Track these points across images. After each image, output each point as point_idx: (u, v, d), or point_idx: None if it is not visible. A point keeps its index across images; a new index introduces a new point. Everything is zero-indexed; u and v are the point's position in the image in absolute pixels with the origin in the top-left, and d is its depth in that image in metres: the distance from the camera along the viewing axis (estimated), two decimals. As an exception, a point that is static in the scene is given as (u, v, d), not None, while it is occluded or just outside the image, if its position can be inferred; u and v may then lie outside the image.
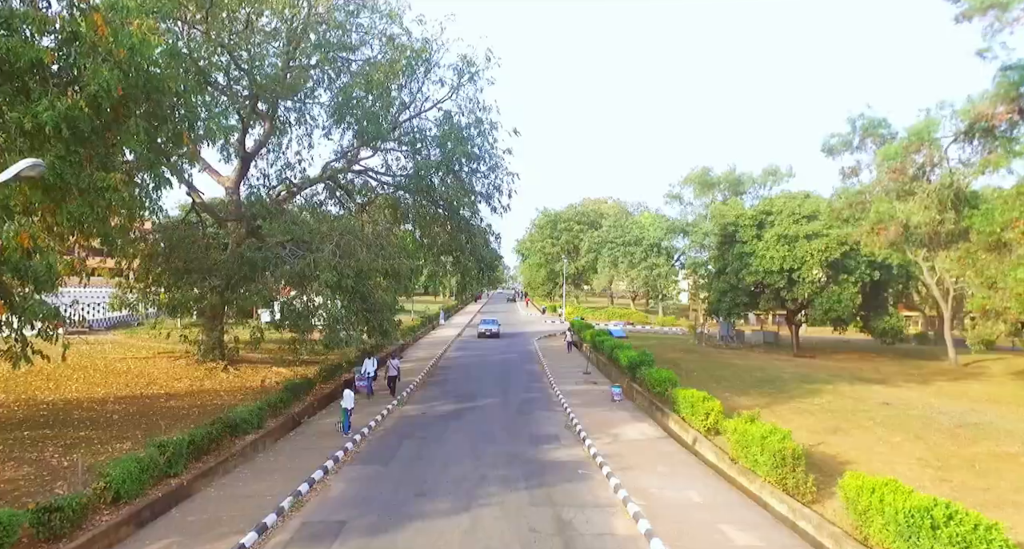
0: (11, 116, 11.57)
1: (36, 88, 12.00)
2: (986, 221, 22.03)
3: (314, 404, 22.81)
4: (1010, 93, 21.61)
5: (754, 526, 11.92)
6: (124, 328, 37.79)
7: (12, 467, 13.41)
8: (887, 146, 25.26)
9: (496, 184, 31.44)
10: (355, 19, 28.21)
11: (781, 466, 13.09)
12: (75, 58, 12.06)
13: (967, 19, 20.57)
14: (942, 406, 23.67)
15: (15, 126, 11.64)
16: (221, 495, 13.52)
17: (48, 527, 10.34)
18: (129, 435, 16.36)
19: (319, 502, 13.19)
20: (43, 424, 16.92)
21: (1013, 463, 15.92)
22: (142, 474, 12.58)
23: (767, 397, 23.69)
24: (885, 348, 45.44)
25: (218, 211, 28.30)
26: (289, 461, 16.09)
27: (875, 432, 18.77)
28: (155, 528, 11.79)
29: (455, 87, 30.85)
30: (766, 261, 39.49)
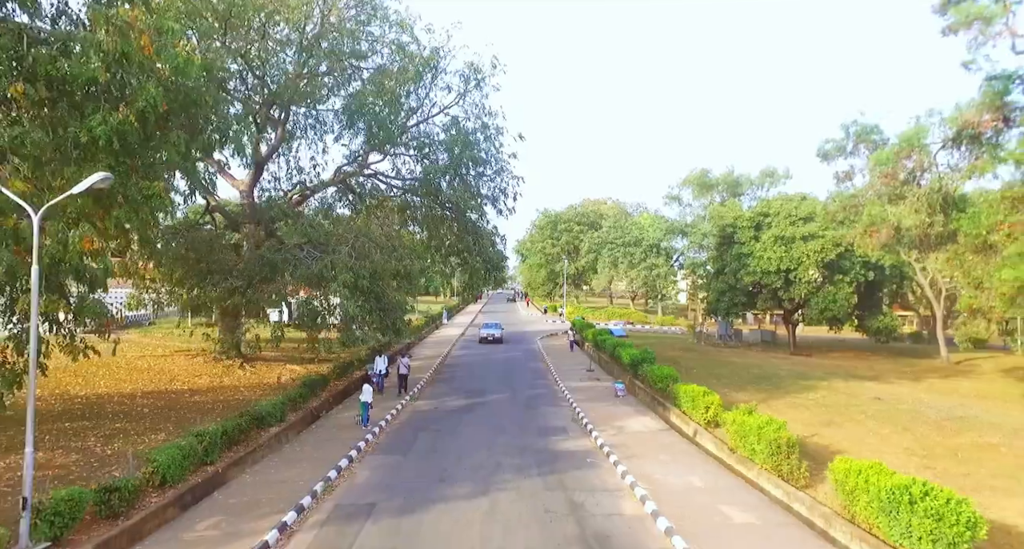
0: (68, 130, 12.55)
1: (89, 105, 12.99)
2: (972, 224, 23.09)
3: (329, 400, 23.80)
4: (995, 102, 22.65)
5: (752, 507, 12.95)
6: (136, 327, 38.78)
7: (61, 454, 14.40)
8: (879, 151, 26.28)
9: (502, 187, 32.51)
10: (366, 27, 29.20)
11: (776, 454, 14.10)
12: (124, 76, 13.03)
13: (953, 32, 21.62)
14: (931, 401, 24.74)
15: (71, 139, 12.64)
16: (256, 481, 14.53)
17: (108, 506, 11.35)
18: (161, 427, 17.35)
19: (348, 487, 14.20)
20: (80, 416, 17.91)
21: (993, 453, 16.96)
22: (184, 461, 13.57)
23: (764, 393, 24.71)
24: (880, 347, 46.56)
25: (232, 214, 29.33)
26: (314, 451, 17.10)
27: (866, 425, 19.80)
28: (199, 510, 12.77)
29: (462, 93, 31.83)
30: (763, 262, 40.57)
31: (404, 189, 32.50)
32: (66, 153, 12.79)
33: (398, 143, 31.27)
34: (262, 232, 27.17)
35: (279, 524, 11.48)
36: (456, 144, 30.51)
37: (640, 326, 63.88)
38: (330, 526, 11.82)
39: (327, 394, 24.08)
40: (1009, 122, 22.75)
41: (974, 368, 38.07)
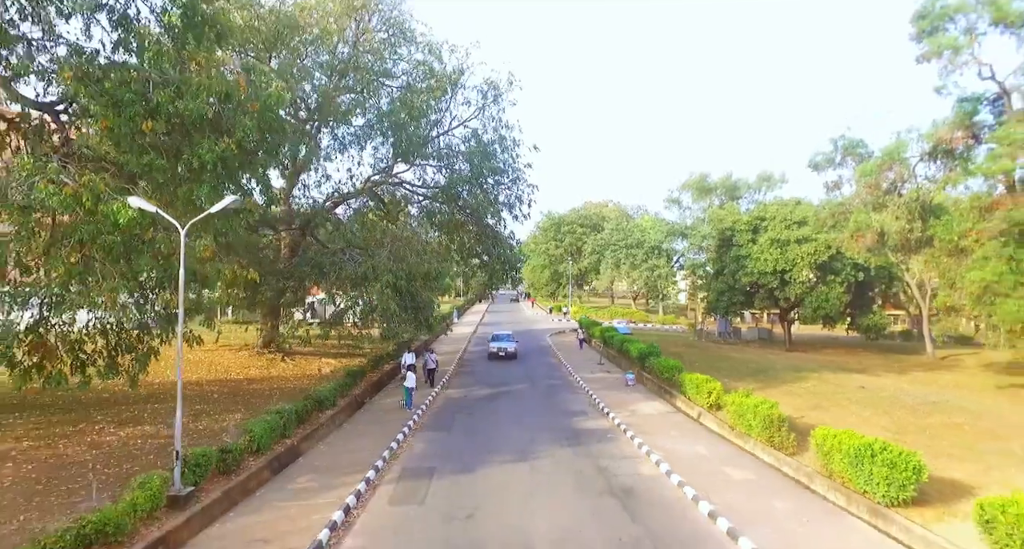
0: (183, 157, 15.17)
1: (197, 135, 15.60)
2: (946, 230, 25.77)
3: (368, 388, 26.40)
4: (965, 121, 25.43)
5: (748, 469, 15.61)
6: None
7: (164, 429, 16.97)
8: (864, 164, 29.06)
9: (518, 195, 35.11)
10: (395, 48, 31.84)
11: (769, 428, 16.76)
12: (225, 111, 15.65)
13: (926, 60, 24.36)
14: (911, 390, 27.40)
15: (184, 164, 15.27)
16: (329, 451, 17.17)
17: (224, 463, 13.97)
18: (234, 408, 19.93)
19: (408, 455, 16.85)
20: (163, 400, 20.48)
21: (957, 430, 19.60)
22: (271, 432, 16.19)
23: (760, 383, 27.32)
24: (871, 344, 49.24)
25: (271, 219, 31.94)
26: (371, 428, 19.76)
27: (849, 409, 22.42)
28: (289, 472, 15.40)
29: (480, 107, 34.39)
30: (760, 263, 43.22)
31: (427, 196, 35.12)
32: (179, 176, 15.41)
33: (422, 154, 33.89)
34: (303, 237, 29.85)
35: (364, 479, 14.13)
36: (475, 155, 33.12)
37: (642, 325, 66.53)
38: (404, 481, 14.47)
39: (365, 384, 26.68)
40: (978, 139, 25.49)
41: (958, 363, 40.72)
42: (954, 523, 11.09)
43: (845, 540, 11.31)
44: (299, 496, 13.47)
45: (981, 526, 9.81)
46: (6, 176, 12.51)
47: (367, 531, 11.60)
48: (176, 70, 16.00)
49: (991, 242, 23.74)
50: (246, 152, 16.23)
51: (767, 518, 12.12)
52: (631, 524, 11.92)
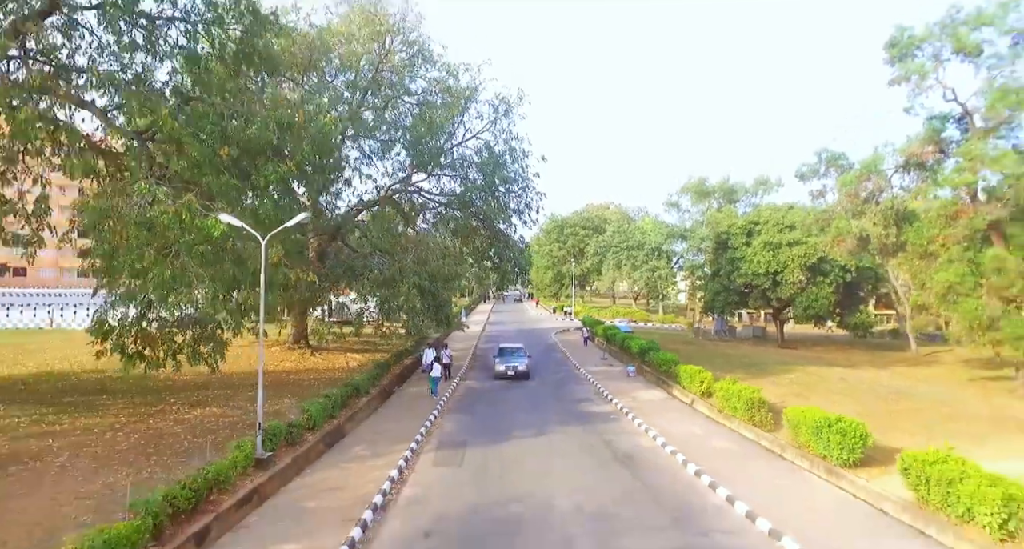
0: (251, 178, 17.95)
1: (262, 158, 18.37)
2: (917, 236, 28.49)
3: (394, 379, 29.18)
4: (934, 137, 28.16)
5: (732, 442, 18.37)
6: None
7: (228, 410, 19.77)
8: (845, 175, 31.78)
9: (527, 202, 37.85)
10: (415, 68, 34.60)
11: (751, 409, 19.48)
12: (286, 138, 18.42)
13: (897, 84, 27.05)
14: (887, 382, 30.13)
15: (252, 184, 18.05)
16: (372, 429, 19.96)
17: (290, 435, 16.71)
18: (283, 394, 22.65)
19: (440, 432, 19.62)
20: (220, 386, 23.25)
21: (918, 414, 22.30)
22: (323, 413, 18.96)
23: (749, 374, 29.97)
24: (861, 342, 51.92)
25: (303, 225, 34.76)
26: (404, 412, 22.52)
27: (826, 396, 25.07)
28: (341, 446, 18.15)
29: (492, 121, 37.10)
30: (754, 265, 45.92)
31: (443, 203, 37.87)
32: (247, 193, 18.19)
33: (439, 164, 36.61)
34: (325, 241, 32.61)
35: (409, 448, 16.90)
36: (487, 165, 35.84)
37: (643, 324, 69.24)
38: (442, 450, 17.26)
39: (390, 376, 29.45)
40: (945, 153, 28.22)
41: (938, 359, 43.40)
42: (889, 478, 13.79)
43: (803, 490, 14.05)
44: (357, 460, 16.26)
45: (902, 473, 12.54)
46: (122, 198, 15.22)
47: (419, 484, 14.37)
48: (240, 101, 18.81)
49: (955, 247, 26.48)
50: (303, 172, 19.00)
51: (743, 476, 14.84)
52: (631, 480, 14.68)
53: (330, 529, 11.43)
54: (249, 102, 18.73)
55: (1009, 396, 26.56)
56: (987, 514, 10.19)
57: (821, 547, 10.71)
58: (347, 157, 34.15)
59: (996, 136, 26.45)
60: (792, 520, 11.78)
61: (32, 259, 19.58)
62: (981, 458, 12.70)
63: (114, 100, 16.99)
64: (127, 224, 14.83)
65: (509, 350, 32.60)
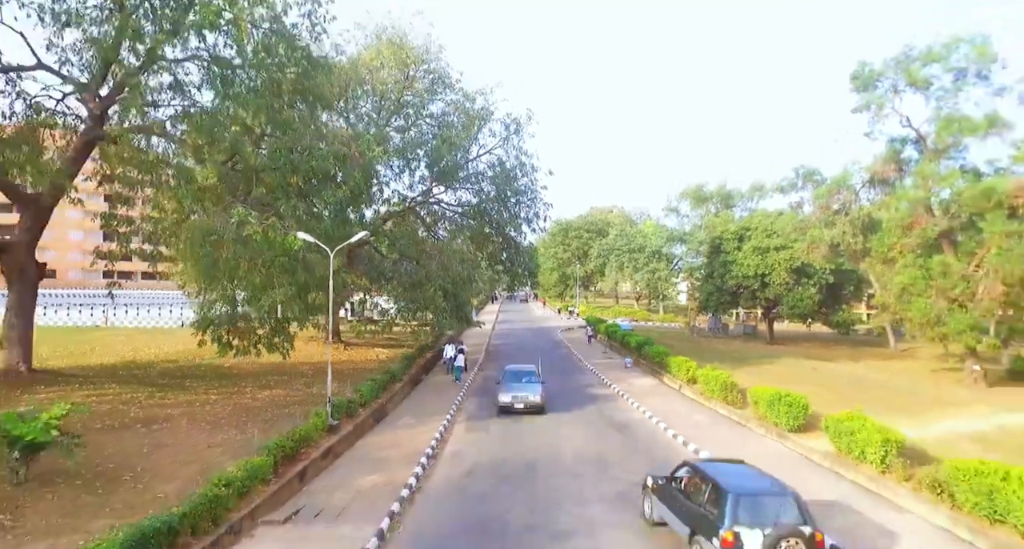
0: (312, 200, 22.08)
1: (321, 186, 22.49)
2: (880, 243, 32.40)
3: (419, 370, 33.29)
4: (894, 157, 32.12)
5: (708, 416, 22.42)
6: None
7: (292, 391, 23.85)
8: (819, 188, 35.75)
9: (536, 212, 41.93)
10: (437, 93, 38.72)
11: (724, 390, 23.50)
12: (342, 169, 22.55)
13: (859, 111, 31.03)
14: (853, 372, 34.08)
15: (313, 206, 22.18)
16: (411, 407, 24.08)
17: (349, 409, 20.81)
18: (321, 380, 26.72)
19: (467, 409, 23.74)
20: (277, 374, 27.36)
21: (867, 394, 26.19)
22: (371, 392, 23.06)
23: (734, 366, 33.82)
24: (846, 339, 55.74)
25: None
26: (434, 395, 26.65)
27: (795, 383, 28.71)
28: (387, 420, 22.23)
29: (504, 138, 41.17)
30: (744, 268, 49.81)
31: (459, 213, 41.98)
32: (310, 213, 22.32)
33: (456, 178, 40.71)
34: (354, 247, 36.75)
35: (444, 420, 21.01)
36: (500, 178, 39.93)
37: (643, 323, 73.13)
38: (471, 421, 21.39)
39: (416, 366, 33.58)
40: (904, 171, 32.17)
41: (913, 354, 47.17)
42: (821, 438, 17.76)
43: (755, 446, 18.06)
44: (405, 427, 20.41)
45: (825, 432, 16.56)
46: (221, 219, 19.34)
47: (457, 442, 18.50)
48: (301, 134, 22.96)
49: (910, 254, 30.42)
50: (355, 196, 23.14)
51: (710, 438, 18.87)
52: (622, 439, 18.78)
53: (398, 470, 15.54)
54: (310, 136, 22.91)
55: (955, 384, 30.48)
56: (873, 453, 14.22)
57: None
58: (376, 172, 38.34)
59: (946, 157, 30.39)
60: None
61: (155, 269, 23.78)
62: (898, 424, 16.65)
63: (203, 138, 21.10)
64: (226, 241, 18.96)
65: (516, 372, 24.76)
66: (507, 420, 21.88)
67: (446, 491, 14.39)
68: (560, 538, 11.55)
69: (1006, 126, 28.09)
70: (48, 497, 12.08)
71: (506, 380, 24.12)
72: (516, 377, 24.32)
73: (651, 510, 12.06)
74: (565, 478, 15.13)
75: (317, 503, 13.44)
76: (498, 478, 15.15)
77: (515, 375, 24.56)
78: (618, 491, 14.12)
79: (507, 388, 23.30)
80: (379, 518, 12.20)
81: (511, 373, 24.80)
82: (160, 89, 22.18)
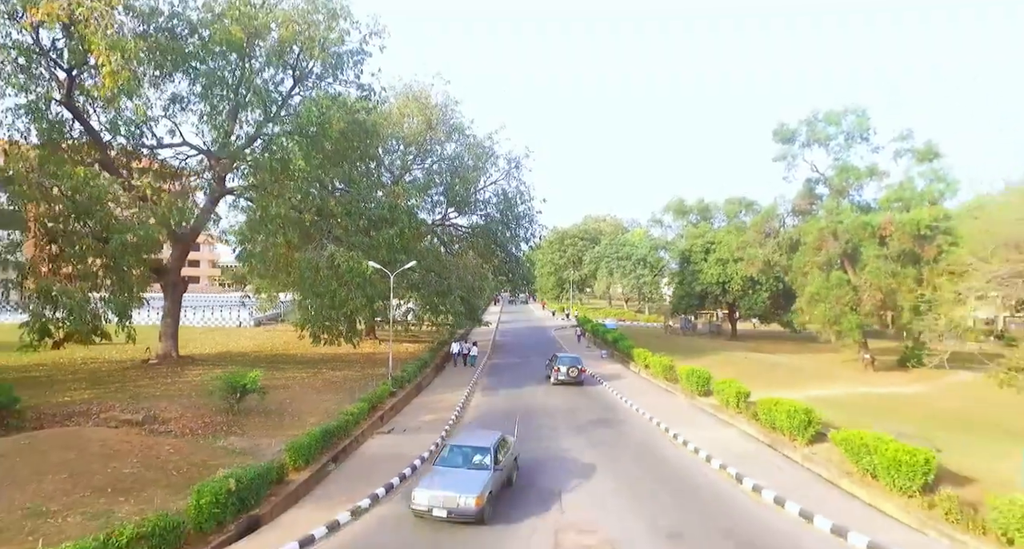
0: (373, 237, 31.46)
1: (378, 224, 31.85)
2: (798, 261, 41.83)
3: (441, 360, 42.69)
4: (809, 194, 41.55)
5: (649, 387, 31.87)
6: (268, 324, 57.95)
7: (355, 371, 33.20)
8: (755, 217, 45.18)
9: (532, 232, 51.59)
10: (454, 139, 48.19)
11: (665, 370, 32.91)
12: (393, 212, 31.95)
13: (778, 160, 40.47)
14: (778, 360, 43.47)
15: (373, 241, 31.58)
16: (440, 384, 33.54)
17: (400, 383, 30.24)
18: (378, 366, 36.10)
19: (482, 384, 33.21)
20: (337, 361, 36.67)
21: (772, 375, 35.58)
22: (414, 372, 32.45)
23: (688, 356, 43.16)
24: (798, 336, 65.08)
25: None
26: (456, 376, 36.10)
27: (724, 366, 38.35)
28: (426, 392, 31.61)
29: (506, 172, 50.81)
30: (708, 276, 59.24)
31: (470, 233, 51.45)
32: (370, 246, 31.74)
33: (467, 205, 50.18)
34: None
35: (467, 389, 30.48)
36: (503, 205, 49.47)
37: (629, 322, 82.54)
38: (485, 391, 30.87)
39: (438, 357, 43.02)
40: (815, 205, 41.63)
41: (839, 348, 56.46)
42: (714, 398, 27.10)
43: (670, 403, 27.50)
44: (440, 394, 29.94)
45: (714, 394, 26.00)
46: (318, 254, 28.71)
47: (476, 401, 28.03)
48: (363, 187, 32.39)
49: (817, 269, 39.84)
50: (402, 232, 32.57)
51: (645, 399, 28.25)
52: (588, 399, 28.32)
53: (442, 412, 25.02)
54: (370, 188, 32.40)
55: (851, 369, 39.91)
56: (732, 401, 23.67)
57: (666, 418, 24.15)
58: (416, 215, 47.83)
59: (845, 196, 39.83)
60: (658, 412, 25.26)
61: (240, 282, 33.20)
62: (789, 392, 25.91)
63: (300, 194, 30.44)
64: (321, 268, 28.41)
65: (458, 455, 15.20)
66: (510, 389, 31.33)
67: (474, 421, 23.92)
68: (543, 443, 21.00)
69: (883, 174, 37.63)
70: (253, 420, 21.52)
71: (438, 462, 15.06)
72: (454, 459, 14.93)
73: None
74: (546, 418, 24.61)
75: (401, 426, 22.93)
76: (506, 416, 24.62)
77: (454, 456, 15.03)
78: (578, 426, 23.58)
79: (430, 480, 13.99)
80: (439, 432, 21.70)
81: (451, 453, 15.22)
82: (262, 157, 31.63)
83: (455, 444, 15.68)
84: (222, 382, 21.86)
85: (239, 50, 28.33)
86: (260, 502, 14.27)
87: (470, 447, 15.28)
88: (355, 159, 32.77)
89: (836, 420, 20.99)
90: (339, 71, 31.93)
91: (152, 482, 14.61)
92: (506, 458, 15.66)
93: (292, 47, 29.66)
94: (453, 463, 14.79)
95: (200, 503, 12.56)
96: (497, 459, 14.90)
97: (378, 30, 31.48)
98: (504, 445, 16.02)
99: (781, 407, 20.11)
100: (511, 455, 16.32)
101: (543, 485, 16.26)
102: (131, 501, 13.46)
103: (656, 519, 13.86)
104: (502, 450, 15.64)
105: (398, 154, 46.18)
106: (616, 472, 17.62)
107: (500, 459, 15.12)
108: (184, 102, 30.43)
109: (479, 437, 16.13)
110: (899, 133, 37.24)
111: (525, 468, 17.41)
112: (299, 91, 32.43)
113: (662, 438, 21.88)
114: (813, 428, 18.98)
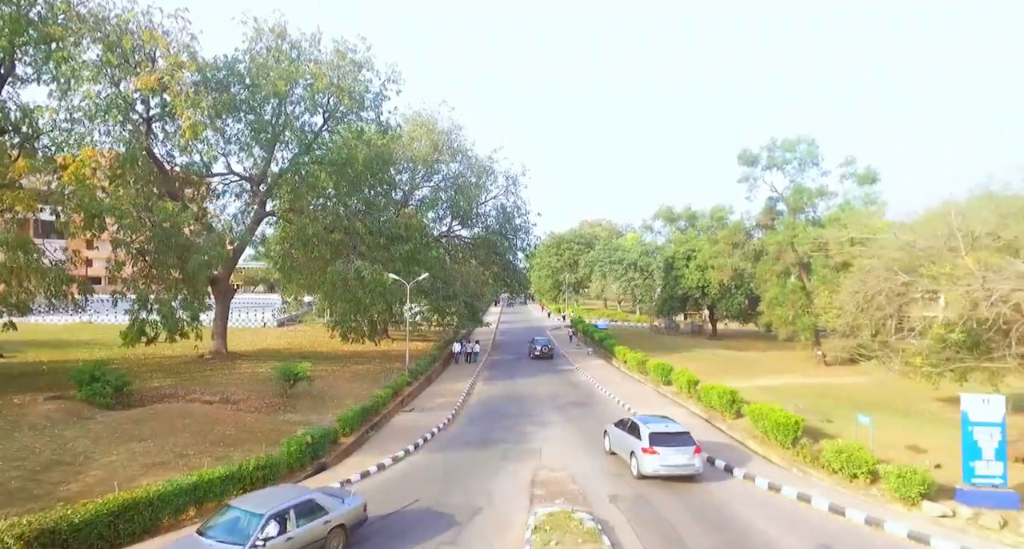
0: (394, 252, 37.26)
1: (393, 242, 37.65)
2: (762, 269, 47.61)
3: (447, 357, 48.48)
4: (771, 211, 47.37)
5: (624, 379, 37.67)
6: (289, 324, 63.79)
7: (376, 366, 38.95)
8: (726, 228, 51.00)
9: (528, 242, 57.41)
10: (458, 160, 53.98)
11: (639, 365, 38.67)
12: (409, 232, 37.74)
13: (742, 182, 46.28)
14: (743, 356, 49.23)
15: (390, 256, 37.37)
16: (448, 376, 39.36)
17: (414, 374, 36.02)
18: (393, 362, 41.88)
19: (483, 377, 39.04)
20: (357, 357, 42.41)
21: (731, 367, 41.30)
22: (425, 366, 38.24)
23: (665, 353, 48.76)
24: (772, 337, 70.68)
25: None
26: (461, 370, 41.91)
27: (692, 361, 44.10)
28: (436, 382, 37.43)
29: (505, 188, 56.61)
30: (689, 281, 64.98)
31: (472, 243, 57.24)
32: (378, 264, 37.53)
33: (470, 218, 55.92)
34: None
35: (471, 381, 36.30)
36: (501, 218, 55.32)
37: (621, 322, 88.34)
38: (487, 381, 36.74)
39: (444, 354, 48.81)
40: (776, 221, 47.44)
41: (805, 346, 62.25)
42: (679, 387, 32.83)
43: (639, 390, 33.27)
44: (448, 384, 35.74)
45: (673, 383, 31.78)
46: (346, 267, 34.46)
47: (479, 389, 33.84)
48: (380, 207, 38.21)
49: (776, 277, 45.61)
50: (416, 248, 38.35)
51: (619, 388, 34.00)
52: (573, 388, 34.16)
53: (451, 397, 30.84)
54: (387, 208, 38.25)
55: (805, 364, 45.68)
56: (684, 387, 29.47)
57: (631, 401, 29.92)
58: (430, 232, 53.60)
59: (800, 213, 45.61)
60: (626, 397, 31.06)
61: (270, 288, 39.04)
62: (741, 381, 31.56)
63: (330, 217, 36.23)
64: (350, 279, 34.20)
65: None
66: (506, 380, 37.12)
67: (476, 403, 29.74)
68: (530, 418, 26.77)
69: (831, 195, 43.47)
70: (303, 403, 27.32)
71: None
72: (221, 524, 11.63)
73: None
74: (535, 401, 30.43)
75: (419, 406, 28.76)
76: (503, 399, 30.44)
77: (223, 521, 11.74)
78: (559, 406, 29.38)
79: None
80: (450, 411, 27.56)
81: (223, 514, 11.96)
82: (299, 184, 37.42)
83: (232, 503, 12.19)
84: (278, 372, 27.69)
85: (280, 96, 34.11)
86: (326, 453, 20.13)
87: (242, 511, 11.67)
88: (373, 183, 38.60)
89: (766, 401, 26.75)
90: (362, 110, 37.69)
91: (247, 440, 20.43)
92: (300, 531, 11.72)
93: (323, 93, 35.45)
94: (215, 534, 11.25)
95: (290, 450, 18.37)
96: (267, 535, 11.07)
97: (395, 77, 37.33)
98: (309, 513, 12.08)
99: (715, 390, 25.93)
100: (321, 524, 12.22)
101: (530, 446, 22.06)
102: (238, 450, 19.27)
103: (608, 467, 19.67)
104: (298, 519, 11.80)
105: (408, 174, 51.98)
106: (583, 436, 23.43)
107: (281, 532, 11.34)
108: (236, 141, 36.28)
109: (268, 498, 12.29)
110: (844, 159, 43.13)
111: (518, 431, 23.30)
112: (328, 127, 38.23)
113: (624, 415, 27.64)
114: (736, 406, 24.79)
